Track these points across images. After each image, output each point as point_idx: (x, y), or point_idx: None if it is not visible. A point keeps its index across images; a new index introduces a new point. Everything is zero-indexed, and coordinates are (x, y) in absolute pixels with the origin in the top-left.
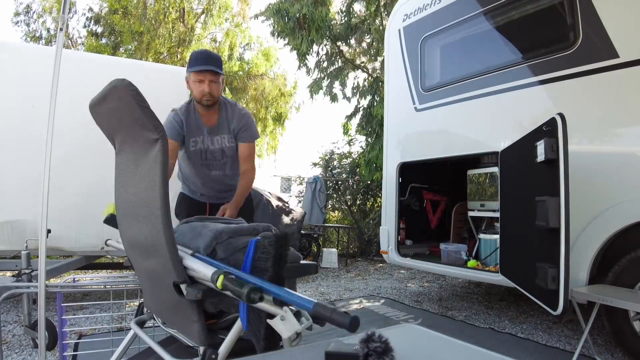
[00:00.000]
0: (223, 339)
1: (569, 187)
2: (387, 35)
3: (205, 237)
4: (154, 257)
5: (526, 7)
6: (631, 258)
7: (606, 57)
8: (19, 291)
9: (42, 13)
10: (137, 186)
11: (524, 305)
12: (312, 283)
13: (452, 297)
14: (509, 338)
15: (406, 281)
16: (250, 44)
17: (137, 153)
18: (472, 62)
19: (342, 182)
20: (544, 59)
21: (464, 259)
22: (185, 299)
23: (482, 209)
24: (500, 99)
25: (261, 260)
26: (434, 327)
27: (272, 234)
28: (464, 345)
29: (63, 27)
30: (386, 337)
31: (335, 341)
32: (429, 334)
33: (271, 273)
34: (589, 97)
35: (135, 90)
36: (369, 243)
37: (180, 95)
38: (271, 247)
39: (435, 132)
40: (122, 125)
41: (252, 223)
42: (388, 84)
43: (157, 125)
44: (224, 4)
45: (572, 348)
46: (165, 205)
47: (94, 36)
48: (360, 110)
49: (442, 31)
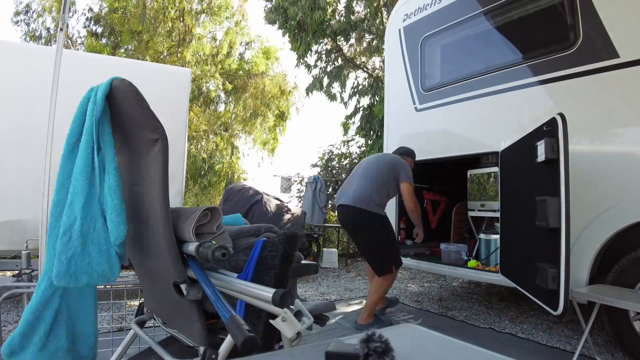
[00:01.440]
0: (223, 339)
1: (569, 187)
2: (388, 35)
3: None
4: (153, 257)
5: (526, 7)
6: (631, 258)
7: (606, 57)
8: (19, 291)
9: (41, 12)
10: (137, 186)
11: (524, 305)
12: (313, 283)
13: (453, 297)
14: (509, 338)
15: (406, 281)
16: (250, 44)
17: (137, 153)
18: (472, 62)
19: (342, 182)
20: (544, 59)
21: (464, 259)
22: (186, 299)
23: (483, 209)
24: (500, 99)
25: (268, 258)
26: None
27: (283, 233)
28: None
29: (63, 27)
30: (386, 337)
31: (336, 341)
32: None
33: (277, 271)
34: (589, 97)
35: (135, 90)
36: None
37: (180, 95)
38: (280, 244)
39: (436, 132)
40: (122, 125)
41: (254, 224)
42: (388, 83)
43: (157, 125)
44: (224, 2)
45: (572, 348)
46: (165, 205)
47: (93, 36)
48: (360, 111)
49: (443, 31)
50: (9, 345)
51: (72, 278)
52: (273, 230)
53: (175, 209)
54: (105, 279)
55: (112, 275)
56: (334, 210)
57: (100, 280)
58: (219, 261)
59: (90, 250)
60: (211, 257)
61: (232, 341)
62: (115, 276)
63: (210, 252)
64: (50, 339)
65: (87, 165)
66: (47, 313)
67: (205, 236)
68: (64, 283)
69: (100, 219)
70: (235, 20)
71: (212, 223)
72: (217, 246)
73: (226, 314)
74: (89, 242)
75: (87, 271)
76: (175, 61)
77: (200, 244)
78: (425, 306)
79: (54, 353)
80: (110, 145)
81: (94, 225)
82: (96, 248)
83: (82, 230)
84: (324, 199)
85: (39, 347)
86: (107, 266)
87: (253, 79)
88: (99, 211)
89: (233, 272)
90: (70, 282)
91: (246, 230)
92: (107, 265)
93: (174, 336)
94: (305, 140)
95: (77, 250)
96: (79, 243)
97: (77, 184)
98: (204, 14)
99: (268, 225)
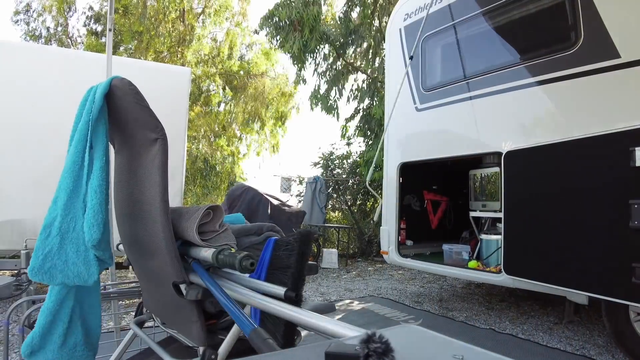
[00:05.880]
0: (223, 339)
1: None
2: (388, 35)
3: None
4: (153, 257)
5: (527, 7)
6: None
7: (607, 57)
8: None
9: (41, 12)
10: (137, 186)
11: (524, 306)
12: (313, 283)
13: (453, 297)
14: (510, 339)
15: (406, 282)
16: (251, 45)
17: (136, 152)
18: (473, 61)
19: (342, 182)
20: (545, 59)
21: (467, 259)
22: (185, 299)
23: (484, 209)
24: (501, 99)
25: (283, 257)
26: (435, 327)
27: (297, 232)
28: (465, 346)
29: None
30: (387, 338)
31: (336, 341)
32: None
33: (294, 270)
34: (589, 97)
35: (135, 89)
36: (369, 243)
37: (179, 95)
38: (296, 243)
39: (436, 132)
40: (122, 124)
41: (256, 223)
42: (388, 83)
43: (157, 124)
44: (224, 3)
45: (572, 349)
46: (164, 204)
47: (93, 35)
48: (360, 111)
49: (443, 31)
50: (29, 345)
51: (46, 275)
52: (275, 230)
53: (176, 208)
54: (82, 281)
55: (88, 278)
56: (334, 210)
57: (76, 281)
58: (247, 271)
59: (67, 250)
60: (239, 267)
61: (232, 341)
62: (93, 279)
63: (238, 262)
64: (68, 335)
65: (75, 163)
66: (63, 312)
67: (208, 234)
68: (38, 279)
69: (81, 219)
70: (236, 21)
71: (215, 221)
72: (244, 255)
73: (248, 327)
74: (66, 241)
75: (62, 270)
76: (176, 61)
77: (219, 251)
78: (425, 307)
79: (72, 348)
80: (101, 144)
81: (74, 225)
82: (74, 248)
83: (62, 228)
84: (324, 199)
85: (59, 345)
86: (84, 267)
87: (253, 79)
88: (81, 210)
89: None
90: (44, 279)
91: (248, 229)
92: (84, 266)
93: (173, 336)
94: (306, 140)
95: (54, 248)
96: (57, 241)
97: (63, 181)
98: (203, 15)
99: (270, 225)
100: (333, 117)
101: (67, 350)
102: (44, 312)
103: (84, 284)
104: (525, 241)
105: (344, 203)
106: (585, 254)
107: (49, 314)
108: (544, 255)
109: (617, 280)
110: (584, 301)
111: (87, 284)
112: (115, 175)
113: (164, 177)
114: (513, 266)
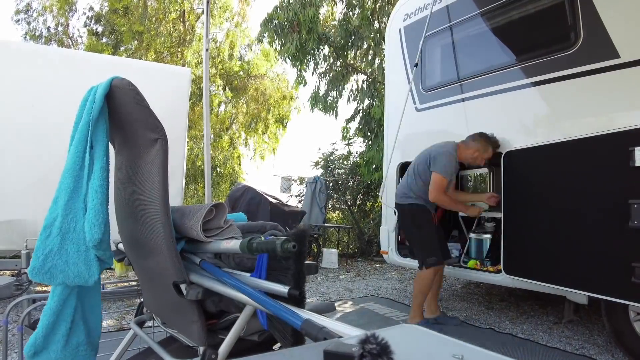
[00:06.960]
0: (223, 339)
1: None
2: (388, 35)
3: None
4: (153, 256)
5: (527, 8)
6: None
7: (607, 57)
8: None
9: (42, 11)
10: (137, 186)
11: (524, 305)
12: (312, 283)
13: (452, 297)
14: (510, 339)
15: (406, 281)
16: (251, 46)
17: (137, 152)
18: (473, 62)
19: (342, 182)
20: (544, 59)
21: (456, 257)
22: (185, 299)
23: None
24: (501, 99)
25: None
26: (434, 327)
27: (292, 232)
28: (465, 345)
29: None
30: (384, 338)
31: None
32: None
33: (293, 270)
34: (589, 97)
35: (136, 89)
36: (369, 243)
37: (179, 95)
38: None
39: (436, 132)
40: (122, 124)
41: (259, 221)
42: (388, 83)
43: (157, 125)
44: (224, 4)
45: (572, 349)
46: (164, 204)
47: (94, 35)
48: (360, 112)
49: (443, 31)
50: (32, 346)
51: (46, 275)
52: (278, 229)
53: (179, 208)
54: (82, 280)
55: (89, 278)
56: (334, 210)
57: (76, 281)
58: (289, 253)
59: (68, 249)
60: (280, 250)
61: (232, 341)
62: (93, 279)
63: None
64: (71, 335)
65: (75, 163)
66: (66, 312)
67: (213, 231)
68: (38, 279)
69: (82, 219)
70: (235, 21)
71: (219, 218)
72: (285, 238)
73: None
74: (67, 241)
75: (62, 270)
76: (176, 61)
77: (249, 240)
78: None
79: (75, 348)
80: (102, 145)
81: (74, 225)
82: (74, 247)
83: (62, 228)
84: (324, 199)
85: (62, 345)
86: (84, 267)
87: (253, 80)
88: (82, 210)
89: (237, 269)
90: (44, 279)
91: (252, 226)
92: (85, 266)
93: (173, 336)
94: (306, 140)
95: (54, 248)
96: (58, 240)
97: (64, 180)
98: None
99: (273, 224)
100: (332, 117)
101: (70, 350)
102: (46, 312)
103: (84, 284)
104: (525, 241)
105: (344, 203)
106: (585, 253)
107: (52, 314)
108: (544, 254)
109: (616, 280)
110: (583, 301)
111: (87, 284)
112: (115, 175)
113: (164, 177)
114: (513, 266)
